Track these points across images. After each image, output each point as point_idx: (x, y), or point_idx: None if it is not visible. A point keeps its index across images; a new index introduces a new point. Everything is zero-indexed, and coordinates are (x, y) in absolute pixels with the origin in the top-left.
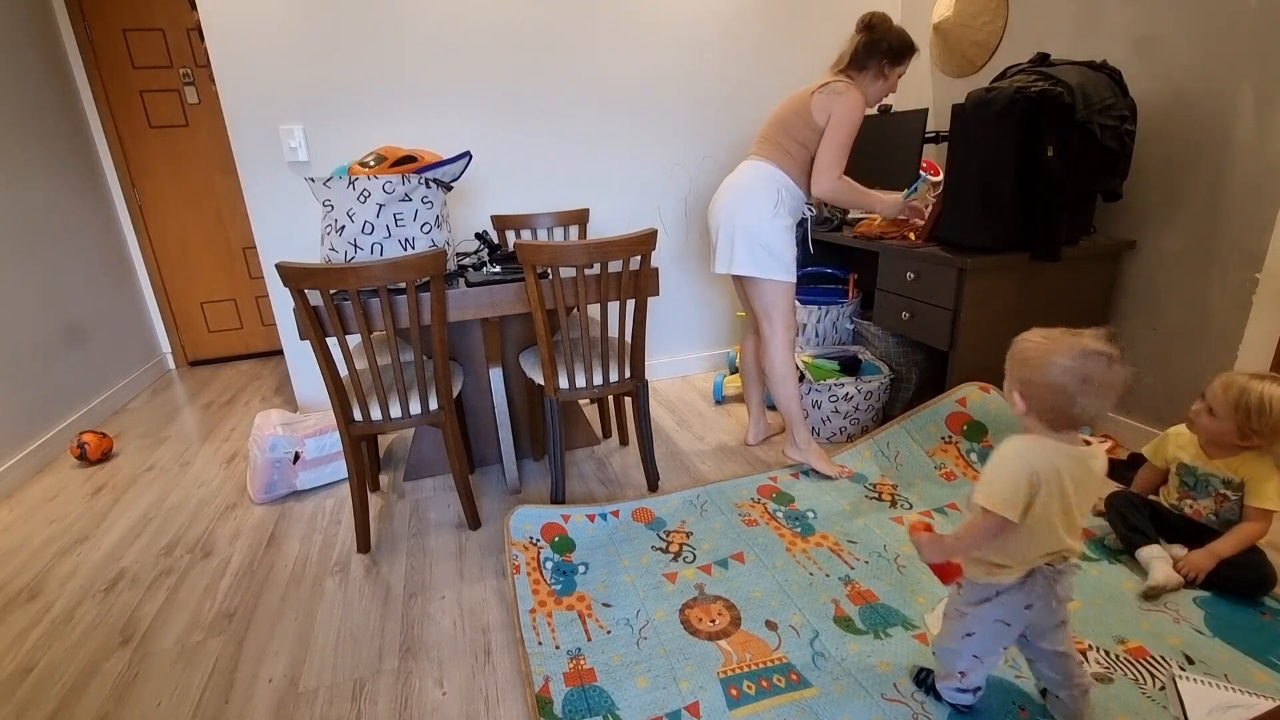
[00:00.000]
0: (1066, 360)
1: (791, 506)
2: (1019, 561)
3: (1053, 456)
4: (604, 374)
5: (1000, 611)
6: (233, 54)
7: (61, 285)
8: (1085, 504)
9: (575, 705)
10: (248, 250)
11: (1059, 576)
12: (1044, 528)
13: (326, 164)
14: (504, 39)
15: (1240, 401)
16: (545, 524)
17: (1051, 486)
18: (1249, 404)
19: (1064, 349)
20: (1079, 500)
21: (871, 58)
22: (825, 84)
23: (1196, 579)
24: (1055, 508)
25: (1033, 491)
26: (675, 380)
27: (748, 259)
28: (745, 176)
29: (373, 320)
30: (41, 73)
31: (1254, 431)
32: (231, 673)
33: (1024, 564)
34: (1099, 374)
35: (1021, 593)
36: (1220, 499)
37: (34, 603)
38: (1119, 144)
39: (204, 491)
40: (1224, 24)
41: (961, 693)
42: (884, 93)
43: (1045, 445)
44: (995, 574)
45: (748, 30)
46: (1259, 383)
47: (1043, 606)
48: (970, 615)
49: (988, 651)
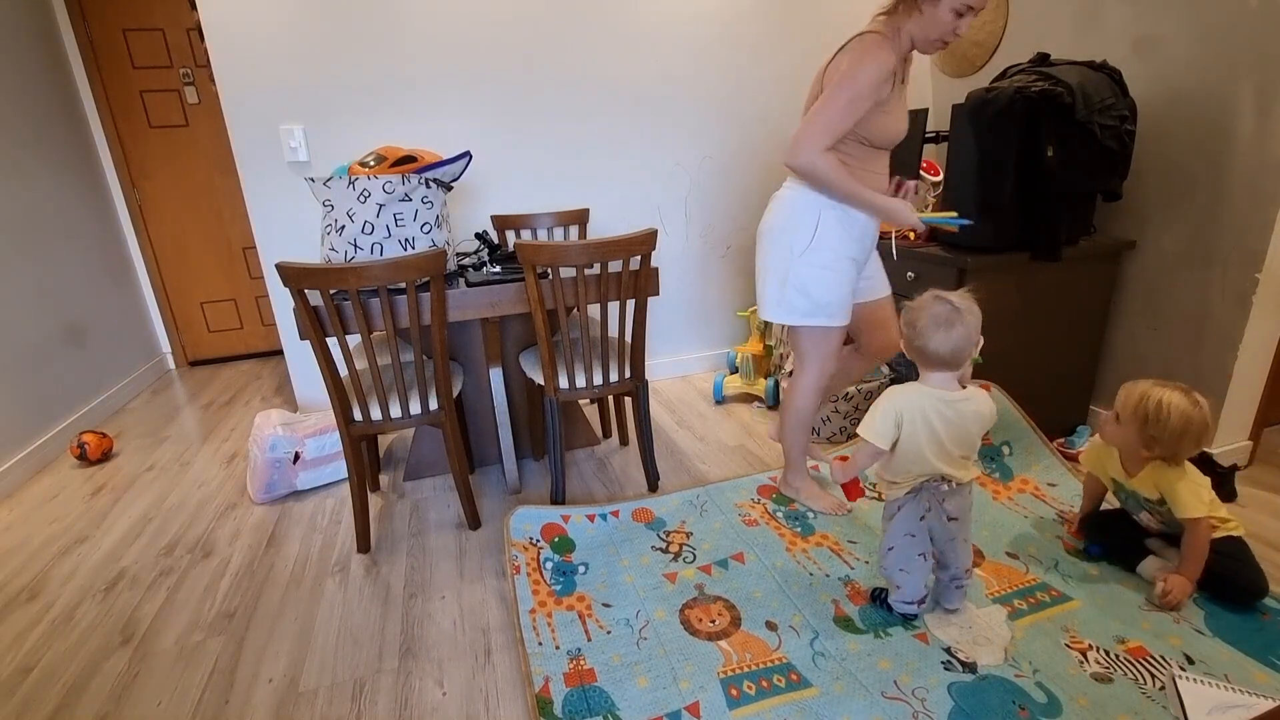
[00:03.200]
0: (921, 309)
1: (791, 506)
2: (903, 478)
3: (917, 399)
4: (604, 374)
5: (904, 525)
6: (233, 54)
7: (61, 285)
8: (962, 438)
9: (575, 705)
10: (248, 250)
11: (946, 496)
12: (913, 453)
13: (326, 164)
14: (504, 39)
15: (1139, 408)
16: (545, 524)
17: (916, 423)
18: (1147, 410)
19: (921, 302)
20: (951, 435)
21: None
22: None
23: (1179, 606)
24: (922, 439)
25: (898, 425)
26: (675, 380)
27: (775, 303)
28: (776, 201)
29: (373, 320)
30: (41, 73)
31: (1153, 439)
32: (231, 673)
33: (907, 480)
34: (942, 317)
35: (914, 505)
36: (1153, 514)
37: (34, 603)
38: (1119, 144)
39: (204, 491)
40: (1224, 24)
41: (906, 604)
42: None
43: (913, 390)
44: (892, 490)
45: (748, 30)
46: (1161, 389)
47: (935, 520)
48: (887, 532)
49: (908, 560)
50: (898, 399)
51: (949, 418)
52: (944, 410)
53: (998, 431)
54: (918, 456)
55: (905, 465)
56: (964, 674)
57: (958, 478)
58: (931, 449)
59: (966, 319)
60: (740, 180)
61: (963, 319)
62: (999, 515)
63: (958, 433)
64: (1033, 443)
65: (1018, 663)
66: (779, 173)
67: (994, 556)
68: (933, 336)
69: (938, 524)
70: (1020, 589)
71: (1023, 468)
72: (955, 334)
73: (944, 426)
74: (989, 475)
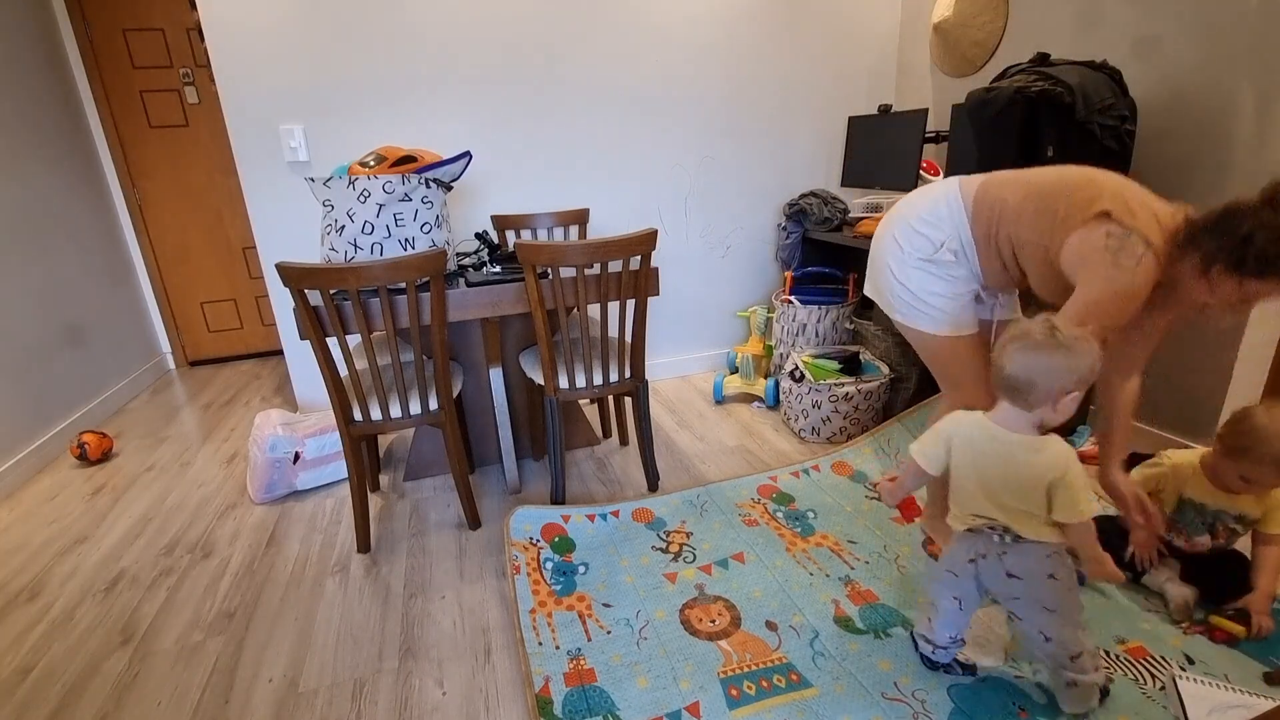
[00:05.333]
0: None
1: (791, 506)
2: (958, 511)
3: (970, 426)
4: (604, 374)
5: (949, 559)
6: (233, 54)
7: (61, 285)
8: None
9: (575, 705)
10: (248, 250)
11: (1006, 549)
12: (959, 487)
13: (326, 164)
14: (505, 38)
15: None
16: (545, 524)
17: (964, 453)
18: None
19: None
20: (1002, 479)
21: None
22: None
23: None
24: (966, 474)
25: (948, 450)
26: (675, 380)
27: (884, 288)
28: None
29: (373, 320)
30: (41, 73)
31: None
32: (231, 673)
33: (961, 511)
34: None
35: (965, 544)
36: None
37: (34, 603)
38: (1119, 144)
39: (204, 491)
40: (1224, 24)
41: (924, 640)
42: (1206, 301)
43: (967, 418)
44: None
45: (748, 30)
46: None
47: (990, 572)
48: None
49: (940, 595)
50: (950, 425)
51: (999, 458)
52: (993, 448)
53: None
54: (965, 492)
55: (957, 497)
56: (964, 675)
57: (1017, 531)
58: (978, 488)
59: (1060, 353)
60: (740, 180)
61: (1057, 350)
62: None
63: (1010, 480)
64: None
65: (1018, 663)
66: (779, 172)
67: None
68: (1006, 349)
69: (992, 577)
70: None
71: None
72: (1036, 360)
73: (993, 466)
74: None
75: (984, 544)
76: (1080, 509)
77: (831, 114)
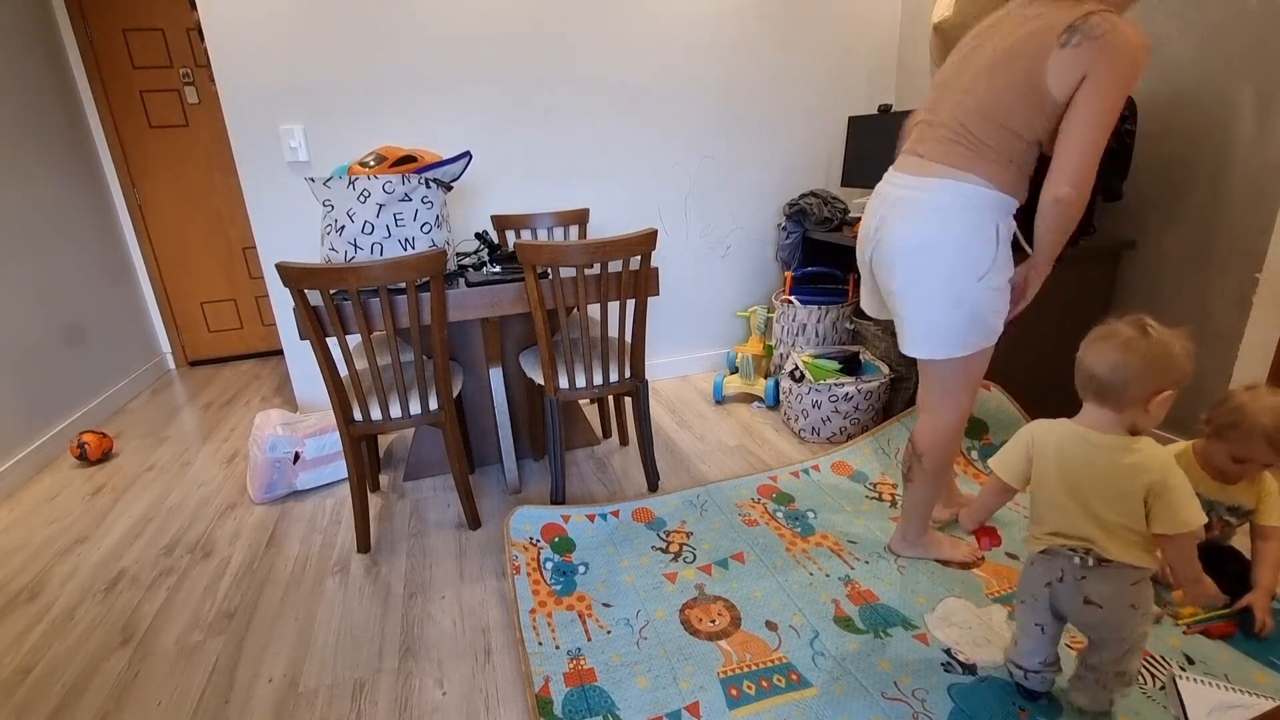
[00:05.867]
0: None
1: (791, 506)
2: (1037, 526)
3: (1055, 430)
4: (604, 374)
5: (1026, 584)
6: (233, 54)
7: (61, 285)
8: (1115, 496)
9: (575, 705)
10: (248, 250)
11: (1087, 573)
12: (1043, 499)
13: (326, 164)
14: (504, 39)
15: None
16: (545, 524)
17: (1048, 459)
18: None
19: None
20: (1096, 486)
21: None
22: (1072, 25)
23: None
24: (1052, 481)
25: (1029, 460)
26: (675, 380)
27: (949, 337)
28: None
29: (373, 320)
30: (41, 73)
31: None
32: (231, 673)
33: (1041, 530)
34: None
35: (1041, 567)
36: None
37: (34, 603)
38: (1119, 144)
39: (204, 491)
40: (1224, 24)
41: (1015, 666)
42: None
43: (1050, 424)
44: (1030, 542)
45: (748, 30)
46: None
47: (1067, 595)
48: (1017, 589)
49: (1024, 621)
50: (1035, 429)
51: (1091, 462)
52: (1083, 451)
53: (997, 431)
54: (1049, 504)
55: (1038, 512)
56: (964, 675)
57: (1102, 549)
58: (1068, 497)
59: (1155, 351)
60: (740, 180)
61: (1152, 347)
62: (999, 515)
63: (1104, 485)
64: None
65: None
66: (779, 172)
67: (994, 557)
68: (1096, 348)
69: (1070, 602)
70: None
71: None
72: (1129, 359)
73: (1084, 471)
74: (988, 475)
75: (1062, 566)
76: (1183, 517)
77: (831, 114)
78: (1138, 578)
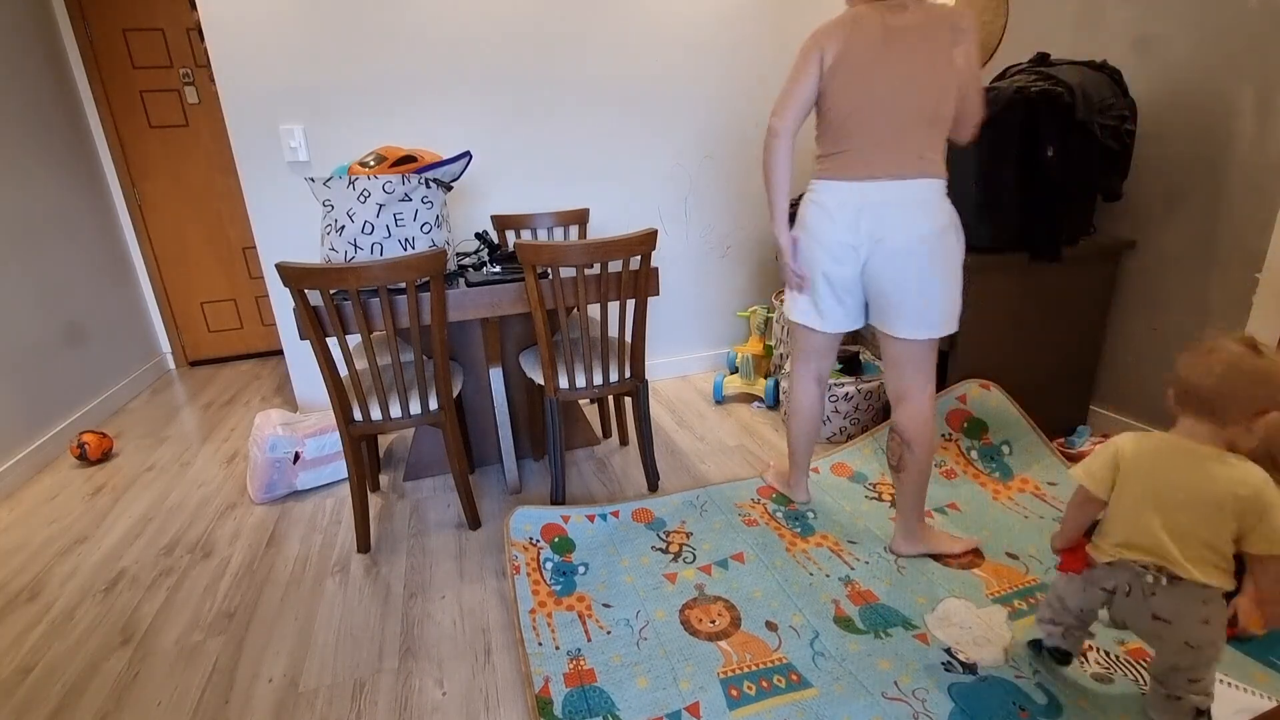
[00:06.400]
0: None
1: (791, 507)
2: (1104, 538)
3: (1146, 441)
4: (604, 374)
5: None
6: (233, 54)
7: (61, 285)
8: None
9: (575, 706)
10: (248, 250)
11: (1157, 590)
12: (1119, 509)
13: (326, 164)
14: (504, 39)
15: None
16: (545, 524)
17: (1138, 470)
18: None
19: None
20: (1186, 503)
21: None
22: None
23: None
24: (1135, 492)
25: (1115, 470)
26: (675, 380)
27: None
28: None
29: (373, 320)
30: (41, 73)
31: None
32: (231, 673)
33: (1108, 542)
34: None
35: (1105, 572)
36: None
37: (34, 603)
38: (1119, 144)
39: (204, 491)
40: (1224, 24)
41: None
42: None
43: (1147, 435)
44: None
45: (748, 30)
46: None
47: (1134, 607)
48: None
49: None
50: (1121, 438)
51: (1183, 468)
52: (1182, 460)
53: (997, 431)
54: (1124, 515)
55: (1111, 525)
56: (964, 675)
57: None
58: (1152, 505)
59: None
60: (740, 180)
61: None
62: (999, 515)
63: (1193, 493)
64: (1033, 442)
65: (1018, 663)
66: None
67: (994, 557)
68: (1204, 362)
69: (1135, 616)
70: (1020, 589)
71: (1023, 467)
72: (1239, 374)
73: (1175, 476)
74: (989, 475)
75: (1130, 581)
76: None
77: None
78: (1209, 596)
